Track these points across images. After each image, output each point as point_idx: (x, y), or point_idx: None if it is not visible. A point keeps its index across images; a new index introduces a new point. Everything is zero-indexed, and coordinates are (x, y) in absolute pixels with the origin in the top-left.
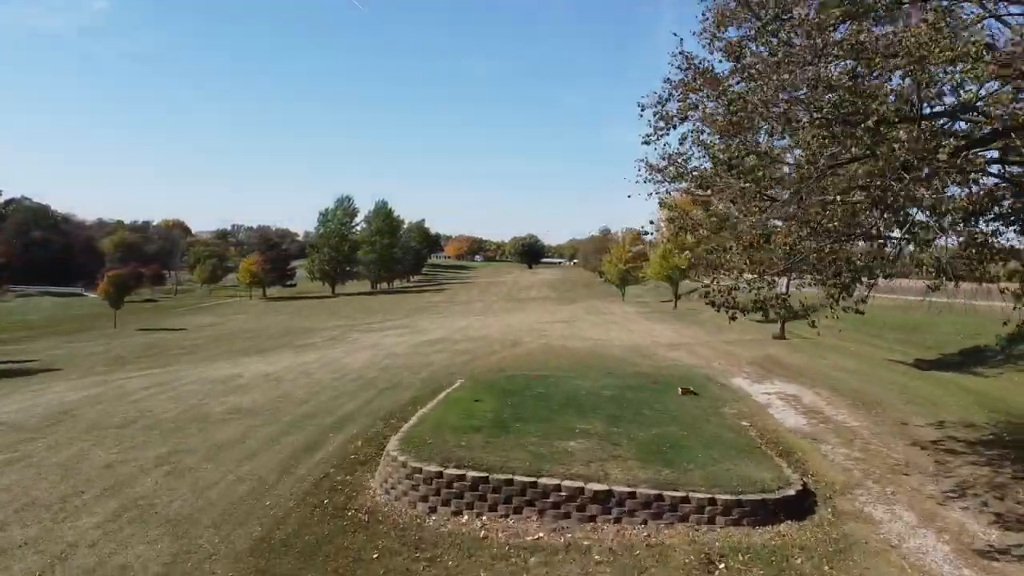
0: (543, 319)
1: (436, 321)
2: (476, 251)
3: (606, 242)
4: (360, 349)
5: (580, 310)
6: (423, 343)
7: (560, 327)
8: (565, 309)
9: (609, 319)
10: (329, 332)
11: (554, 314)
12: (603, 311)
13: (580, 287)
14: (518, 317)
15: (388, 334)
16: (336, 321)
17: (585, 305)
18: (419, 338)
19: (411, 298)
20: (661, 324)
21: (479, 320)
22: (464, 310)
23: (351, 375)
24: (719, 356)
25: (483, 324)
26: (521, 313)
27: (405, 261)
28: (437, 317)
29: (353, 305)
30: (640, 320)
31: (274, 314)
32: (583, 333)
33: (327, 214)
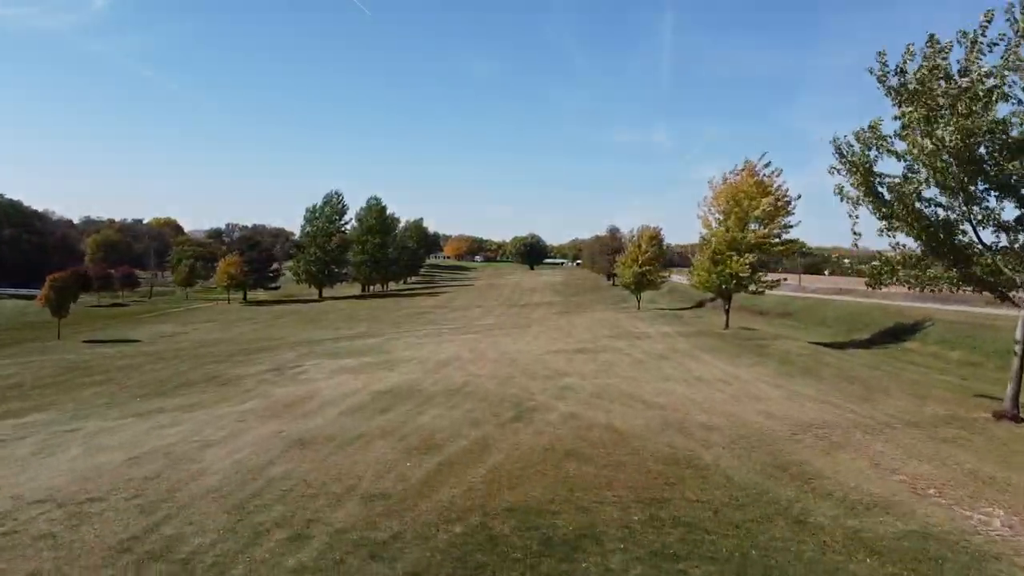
0: (556, 345)
1: (417, 344)
2: (476, 251)
3: (614, 242)
4: (270, 411)
5: (600, 327)
6: (371, 399)
7: (585, 365)
8: (579, 323)
9: (650, 350)
10: (284, 354)
11: (569, 335)
12: (631, 330)
13: (587, 291)
14: (522, 342)
15: (343, 366)
16: (308, 333)
17: (601, 318)
18: (375, 384)
19: (403, 303)
20: (746, 369)
21: (470, 345)
22: (458, 320)
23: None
24: (934, 471)
25: (474, 354)
26: (526, 333)
27: (400, 262)
28: (421, 336)
29: (337, 312)
30: (702, 356)
31: (246, 322)
32: (631, 387)
33: (314, 211)
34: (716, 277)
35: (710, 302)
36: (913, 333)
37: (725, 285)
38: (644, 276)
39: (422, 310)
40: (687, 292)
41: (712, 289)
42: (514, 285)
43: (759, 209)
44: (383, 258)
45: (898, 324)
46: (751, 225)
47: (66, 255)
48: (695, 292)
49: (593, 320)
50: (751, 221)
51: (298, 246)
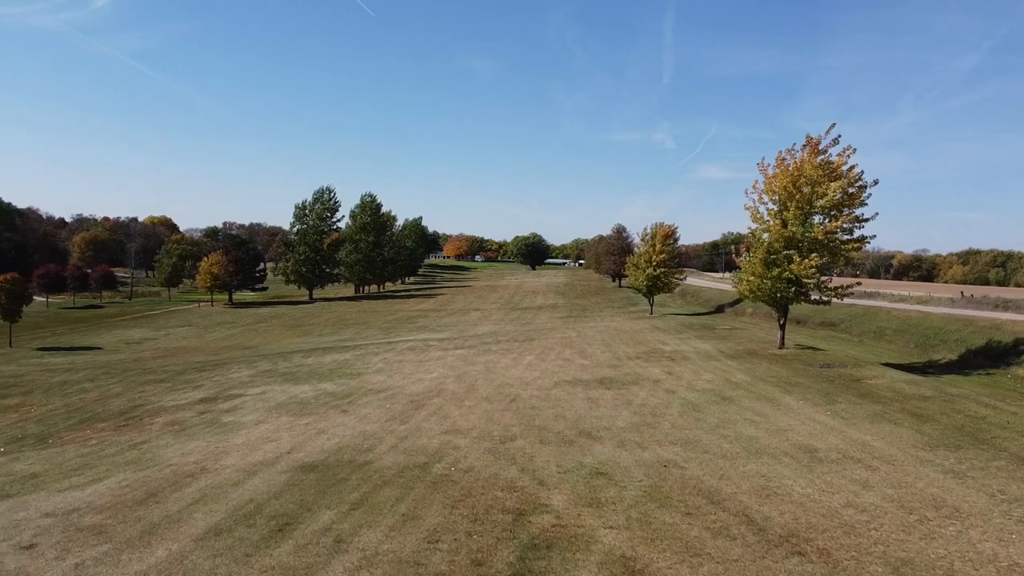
0: (569, 371)
1: (396, 362)
2: (476, 251)
3: (621, 241)
4: (107, 508)
5: (619, 341)
6: (282, 488)
7: (616, 412)
8: (591, 335)
9: (699, 383)
10: (237, 373)
11: (583, 353)
12: (659, 347)
13: (591, 293)
14: (524, 364)
15: (292, 398)
16: (287, 341)
17: (617, 328)
18: (309, 445)
19: (397, 305)
20: (865, 429)
21: (459, 366)
22: (452, 326)
23: None
24: None
25: (462, 384)
26: (529, 349)
27: (397, 261)
28: (404, 350)
29: (326, 315)
30: (781, 398)
31: (224, 327)
32: (705, 471)
33: (304, 208)
34: (771, 283)
35: (729, 307)
36: (1020, 355)
37: (782, 293)
38: (659, 279)
39: (416, 314)
40: (698, 294)
41: (764, 298)
42: (515, 287)
43: (826, 197)
44: (378, 258)
45: (993, 341)
46: (815, 218)
47: (48, 254)
48: (709, 294)
49: (608, 331)
50: (815, 212)
51: (287, 245)
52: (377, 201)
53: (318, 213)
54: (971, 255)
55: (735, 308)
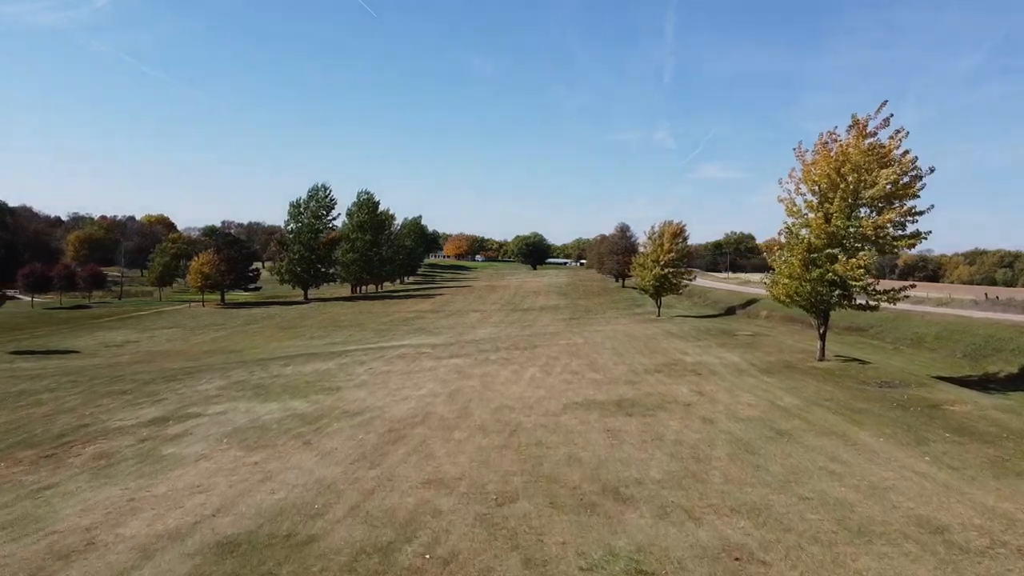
0: (580, 388)
1: (383, 374)
2: (477, 250)
3: (624, 240)
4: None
5: (632, 349)
6: (229, 539)
7: (645, 453)
8: (600, 341)
9: (739, 408)
10: (204, 384)
11: (594, 366)
12: (680, 357)
13: (594, 294)
14: (527, 379)
15: (252, 421)
16: (275, 344)
17: (626, 332)
18: (248, 499)
19: (394, 306)
20: (991, 492)
21: (453, 380)
22: (450, 329)
23: None
24: None
25: (453, 406)
26: (532, 359)
27: (395, 261)
28: (393, 358)
29: (319, 316)
30: (854, 434)
31: (213, 329)
32: (800, 559)
33: (299, 206)
34: (811, 285)
35: (740, 309)
36: None
37: (823, 297)
38: (667, 279)
39: (413, 315)
40: (705, 295)
41: (803, 303)
42: (516, 287)
43: (876, 187)
44: (375, 257)
45: None
46: (861, 210)
47: (39, 253)
48: (717, 295)
49: (617, 337)
50: (862, 204)
51: (281, 244)
52: (374, 199)
53: (313, 211)
54: (977, 255)
55: (747, 310)
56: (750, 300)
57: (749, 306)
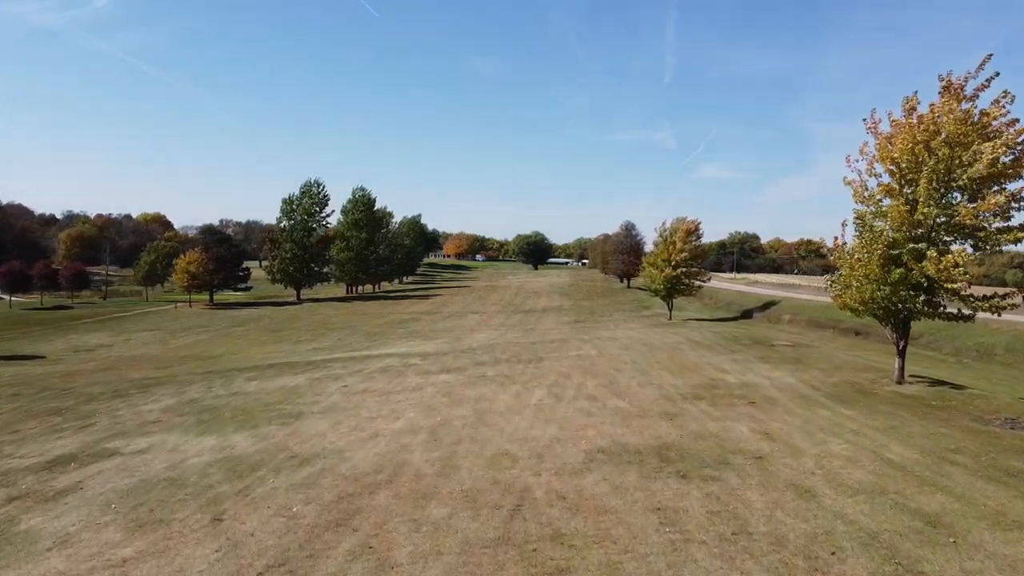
0: (601, 422)
1: (359, 393)
2: (477, 250)
3: (629, 239)
4: None
5: (654, 364)
6: None
7: (729, 571)
8: (615, 352)
9: (846, 470)
10: (149, 403)
11: (613, 387)
12: (719, 376)
13: (598, 295)
14: (531, 406)
15: (175, 462)
16: (255, 349)
17: (642, 340)
18: None
19: (389, 307)
20: None
21: (442, 405)
22: (446, 333)
23: None
24: None
25: (434, 444)
26: (537, 376)
27: (393, 260)
28: (376, 371)
29: (310, 318)
30: None
31: (195, 332)
32: None
33: (291, 202)
34: (890, 289)
35: (758, 312)
36: None
37: (906, 303)
38: (679, 280)
39: (409, 317)
40: (716, 296)
41: (878, 311)
42: (516, 287)
43: (976, 164)
44: (371, 256)
45: None
46: (954, 195)
47: (26, 250)
48: (729, 296)
49: (634, 345)
50: (957, 187)
51: (273, 241)
52: (370, 196)
53: (306, 208)
54: (986, 256)
55: (767, 314)
56: (768, 302)
57: (768, 309)
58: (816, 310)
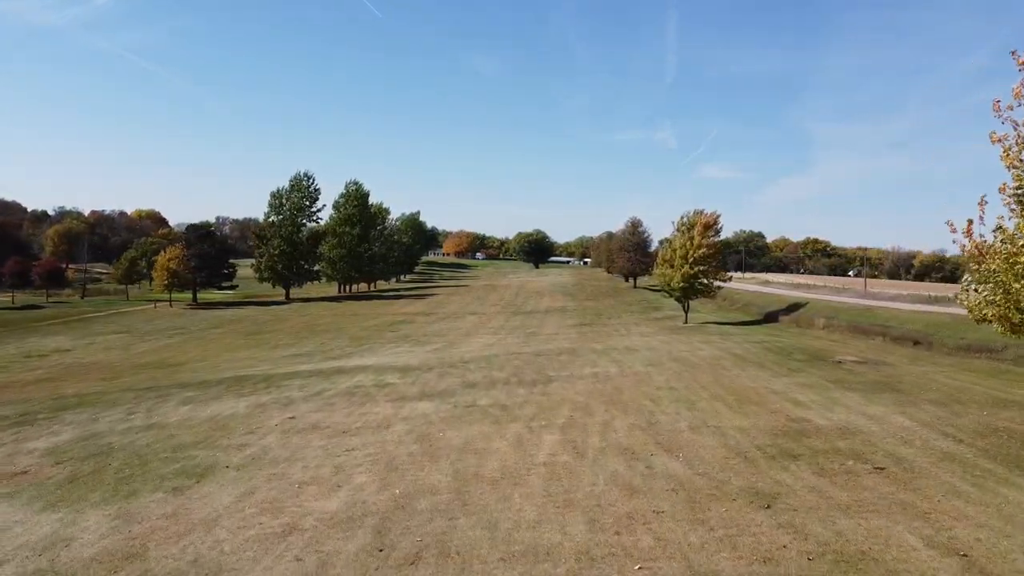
0: (672, 523)
1: (306, 431)
2: (477, 248)
3: (636, 237)
4: None
5: (705, 394)
6: None
7: None
8: (639, 367)
9: None
10: (41, 439)
11: (677, 453)
12: (782, 408)
13: (603, 294)
14: (542, 476)
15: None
16: (231, 353)
17: (668, 351)
18: None
19: (382, 307)
20: None
21: (402, 462)
22: (439, 337)
23: None
24: None
25: (389, 551)
26: (545, 408)
27: (389, 258)
28: (341, 394)
29: (295, 319)
30: None
31: (167, 334)
32: None
33: (280, 196)
34: None
35: (784, 315)
36: None
37: None
38: (696, 279)
39: (402, 318)
40: (731, 297)
41: None
42: (517, 286)
43: None
44: (365, 253)
45: None
46: None
47: (6, 247)
48: (746, 298)
49: (661, 359)
50: None
51: (260, 237)
52: (363, 189)
53: (295, 202)
54: None
55: (795, 317)
56: (793, 304)
57: (795, 312)
58: (853, 313)
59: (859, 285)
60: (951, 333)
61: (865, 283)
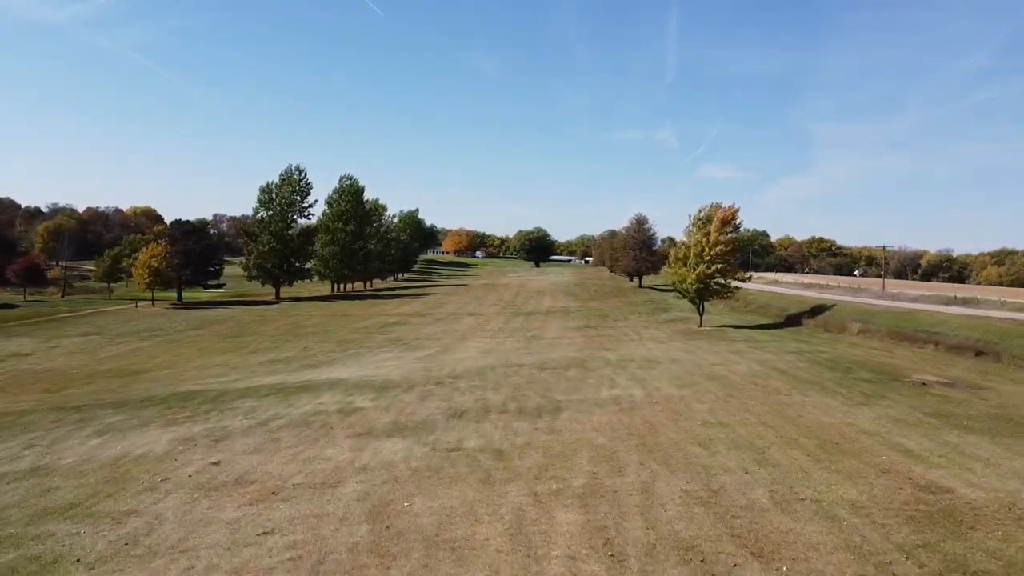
0: None
1: (223, 487)
2: (477, 247)
3: (641, 234)
4: None
5: (777, 439)
6: None
7: None
8: (674, 395)
9: None
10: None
11: (788, 565)
12: (909, 471)
13: (607, 294)
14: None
15: None
16: (205, 359)
17: (706, 371)
18: None
19: (376, 307)
20: None
21: (344, 556)
22: (432, 342)
23: None
24: None
25: None
26: (553, 451)
27: (385, 256)
28: (282, 431)
29: (282, 320)
30: None
31: (141, 336)
32: None
33: (270, 191)
34: None
35: (808, 318)
36: None
37: None
38: (713, 279)
39: (395, 319)
40: (746, 298)
41: None
42: (518, 286)
43: None
44: (360, 251)
45: None
46: None
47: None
48: (762, 299)
49: (695, 381)
50: None
51: (248, 234)
52: (358, 184)
53: (286, 197)
54: (1007, 255)
55: (821, 321)
56: (817, 306)
57: (821, 314)
58: (889, 317)
59: (875, 285)
60: (1022, 343)
61: (884, 283)
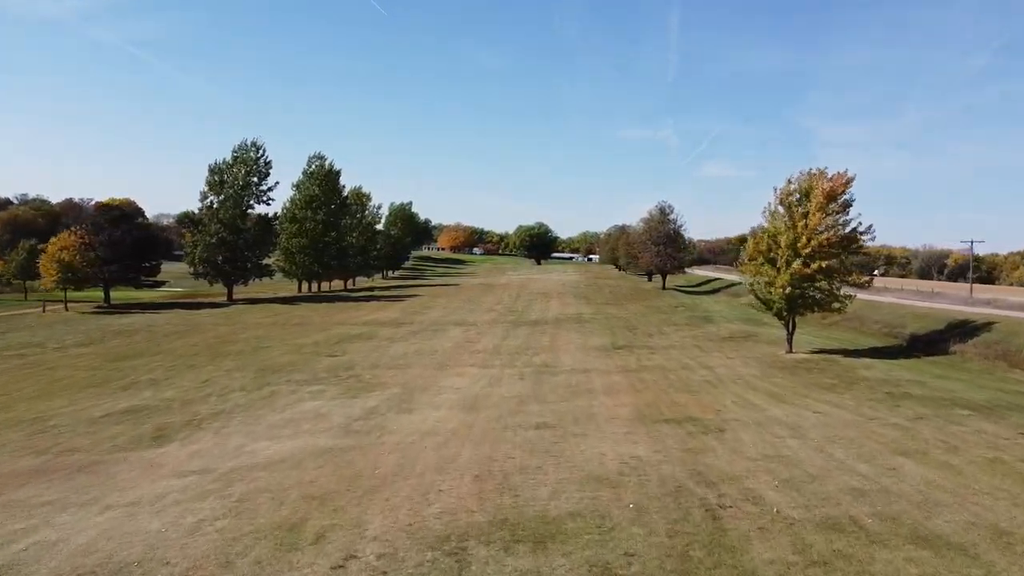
0: None
1: None
2: (475, 243)
3: (664, 226)
4: None
5: None
6: None
7: None
8: None
9: None
10: None
11: None
12: None
13: (626, 297)
14: None
15: None
16: (46, 400)
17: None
18: None
19: (343, 312)
20: None
21: None
22: (397, 369)
23: None
24: None
25: None
26: None
27: (369, 251)
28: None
29: (214, 331)
30: None
31: (0, 357)
32: None
33: (220, 171)
34: None
35: (956, 341)
36: None
37: None
38: (814, 283)
39: (358, 330)
40: (854, 311)
41: None
42: (518, 286)
43: None
44: (333, 244)
45: None
46: None
47: None
48: (886, 312)
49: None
50: None
51: (193, 222)
52: (329, 166)
53: (239, 178)
54: None
55: (973, 345)
56: (957, 322)
57: (970, 336)
58: None
59: (951, 289)
60: None
61: (971, 287)
